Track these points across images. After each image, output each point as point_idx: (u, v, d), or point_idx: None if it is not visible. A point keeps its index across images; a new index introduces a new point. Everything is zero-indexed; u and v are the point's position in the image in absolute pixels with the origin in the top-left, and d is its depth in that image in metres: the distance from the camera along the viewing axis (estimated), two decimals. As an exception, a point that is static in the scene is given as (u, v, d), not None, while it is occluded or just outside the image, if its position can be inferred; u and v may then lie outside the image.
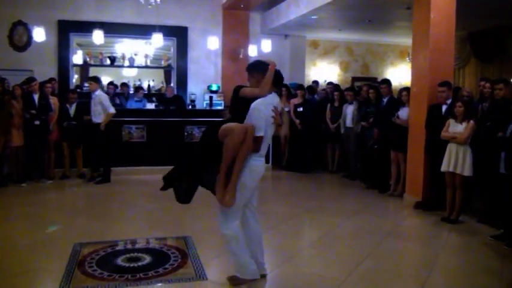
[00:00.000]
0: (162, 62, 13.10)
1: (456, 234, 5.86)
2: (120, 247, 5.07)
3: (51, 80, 9.44)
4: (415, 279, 4.42)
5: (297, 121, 9.90)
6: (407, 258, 5.18)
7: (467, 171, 6.03)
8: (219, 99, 11.86)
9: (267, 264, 4.26)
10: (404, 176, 7.56)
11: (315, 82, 11.14)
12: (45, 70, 11.09)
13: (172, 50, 12.64)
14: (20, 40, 11.49)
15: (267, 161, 10.02)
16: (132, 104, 10.59)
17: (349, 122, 9.19)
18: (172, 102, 10.50)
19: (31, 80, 8.64)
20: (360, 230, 6.01)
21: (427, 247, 5.51)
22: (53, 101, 8.75)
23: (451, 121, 6.25)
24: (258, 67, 4.07)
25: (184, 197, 3.94)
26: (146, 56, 12.79)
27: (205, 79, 12.26)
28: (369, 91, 8.68)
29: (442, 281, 4.43)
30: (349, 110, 9.21)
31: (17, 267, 4.48)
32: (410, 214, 6.83)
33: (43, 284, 4.24)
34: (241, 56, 12.13)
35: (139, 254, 4.82)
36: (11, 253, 4.89)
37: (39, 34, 10.49)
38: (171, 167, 3.95)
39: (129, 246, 5.13)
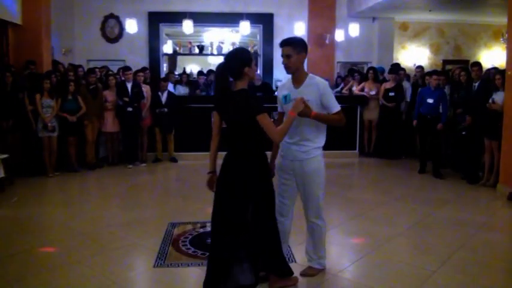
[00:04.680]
0: (249, 49, 13.26)
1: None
2: (210, 228, 5.22)
3: (144, 69, 9.88)
4: (509, 273, 4.22)
5: (392, 104, 9.63)
6: (500, 251, 4.91)
7: None
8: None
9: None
10: (498, 165, 7.16)
11: (419, 67, 10.55)
12: (137, 60, 11.66)
13: (258, 37, 12.76)
14: (112, 32, 12.12)
15: (354, 147, 9.91)
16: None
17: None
18: (260, 89, 10.59)
19: (126, 69, 9.09)
20: (451, 220, 5.77)
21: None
22: (145, 89, 9.15)
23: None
24: (304, 48, 3.71)
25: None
26: (233, 44, 13.00)
27: (291, 65, 12.26)
28: (460, 74, 8.30)
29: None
30: (441, 95, 8.83)
31: (114, 243, 4.78)
32: (504, 205, 6.46)
33: (139, 259, 4.48)
34: (327, 42, 11.98)
35: (229, 236, 4.95)
36: (107, 230, 5.21)
37: (131, 26, 11.00)
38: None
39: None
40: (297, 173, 3.74)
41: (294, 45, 3.62)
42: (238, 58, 3.43)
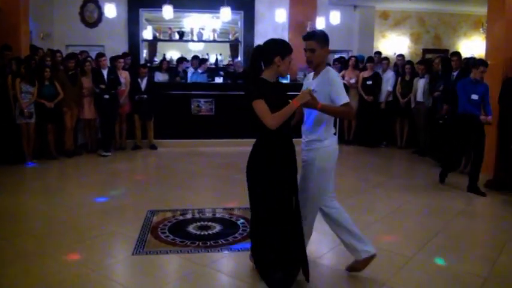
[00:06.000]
0: (230, 36, 13.18)
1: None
2: (190, 216, 5.24)
3: (125, 55, 9.76)
4: (485, 259, 4.27)
5: (370, 98, 9.73)
6: (477, 237, 5.01)
7: None
8: (285, 73, 11.79)
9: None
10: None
11: (400, 55, 10.63)
12: (116, 45, 11.49)
13: (239, 23, 12.67)
14: (91, 16, 11.92)
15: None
16: (197, 78, 10.67)
17: (419, 96, 8.92)
18: (241, 76, 10.53)
19: (100, 55, 8.94)
20: (429, 207, 5.87)
21: (498, 227, 5.30)
22: (124, 75, 9.04)
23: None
24: (327, 42, 3.58)
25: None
26: (213, 31, 12.90)
27: (272, 53, 12.21)
28: (439, 63, 8.42)
29: (513, 262, 4.26)
30: (421, 84, 8.92)
31: (93, 231, 4.74)
32: (481, 192, 6.59)
33: (118, 246, 4.45)
34: (308, 29, 11.92)
35: (210, 223, 4.96)
36: (86, 217, 5.17)
37: (110, 10, 10.82)
38: (238, 140, 3.80)
39: (199, 215, 5.29)
40: (306, 162, 3.65)
41: (318, 39, 3.51)
42: (273, 44, 3.36)
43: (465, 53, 11.44)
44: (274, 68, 3.33)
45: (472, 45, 13.71)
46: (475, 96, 6.40)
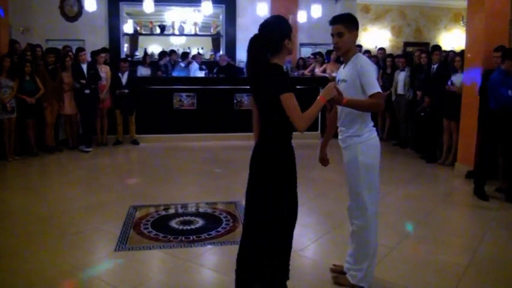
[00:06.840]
0: (211, 30, 13.12)
1: (509, 205, 5.66)
2: (173, 211, 5.23)
3: (104, 50, 9.64)
4: (466, 249, 4.35)
5: None
6: (458, 228, 5.08)
7: None
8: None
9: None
10: (456, 144, 7.36)
11: (381, 49, 10.64)
12: (96, 40, 11.40)
13: (221, 17, 12.63)
14: (71, 10, 11.79)
15: (316, 129, 9.94)
16: (180, 72, 10.63)
17: (400, 89, 8.98)
18: (225, 70, 10.49)
19: (80, 50, 8.80)
20: (410, 198, 5.93)
21: (478, 217, 5.38)
22: (105, 70, 8.94)
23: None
24: (356, 25, 3.31)
25: None
26: (195, 24, 12.84)
27: (253, 46, 12.18)
28: (421, 56, 8.46)
29: (493, 252, 4.29)
30: (401, 77, 8.98)
31: (75, 227, 4.70)
32: (462, 183, 6.65)
33: (100, 243, 4.42)
34: (290, 23, 11.91)
35: (192, 218, 4.95)
36: (68, 214, 5.12)
37: (90, 4, 10.67)
38: (220, 135, 3.59)
39: (182, 210, 5.28)
40: (349, 162, 3.43)
41: (345, 22, 3.23)
42: (277, 28, 2.89)
43: (446, 46, 11.55)
44: (285, 52, 2.93)
45: (452, 38, 13.86)
46: (510, 92, 5.63)
